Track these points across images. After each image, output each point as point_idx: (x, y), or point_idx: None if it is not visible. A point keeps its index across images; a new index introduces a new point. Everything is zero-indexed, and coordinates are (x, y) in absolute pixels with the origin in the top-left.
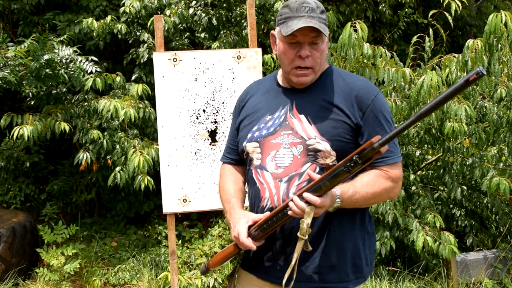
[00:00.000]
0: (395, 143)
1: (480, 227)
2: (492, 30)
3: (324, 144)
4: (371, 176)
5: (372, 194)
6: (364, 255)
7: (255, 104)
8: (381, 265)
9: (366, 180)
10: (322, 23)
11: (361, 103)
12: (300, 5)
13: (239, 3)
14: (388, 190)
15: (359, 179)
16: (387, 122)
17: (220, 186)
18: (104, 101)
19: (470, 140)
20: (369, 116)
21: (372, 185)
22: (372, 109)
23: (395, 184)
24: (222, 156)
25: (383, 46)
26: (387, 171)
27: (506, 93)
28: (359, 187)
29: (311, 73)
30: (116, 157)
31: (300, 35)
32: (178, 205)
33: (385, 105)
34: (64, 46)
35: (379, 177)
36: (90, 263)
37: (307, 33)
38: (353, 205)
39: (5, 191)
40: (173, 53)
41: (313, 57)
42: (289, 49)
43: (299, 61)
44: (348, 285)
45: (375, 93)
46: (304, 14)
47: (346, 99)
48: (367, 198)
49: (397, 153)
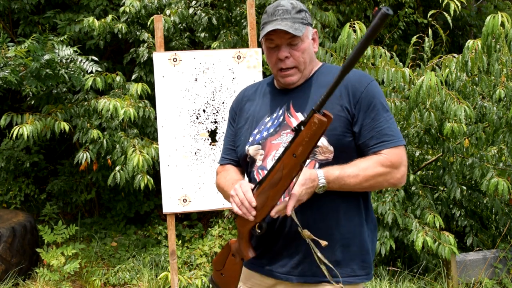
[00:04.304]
0: (395, 128)
1: (480, 227)
2: (490, 31)
3: (322, 140)
4: (367, 160)
5: (364, 177)
6: (372, 250)
7: (254, 108)
8: (381, 265)
9: (360, 163)
10: (297, 23)
11: (354, 91)
12: (274, 9)
13: (239, 3)
14: (384, 175)
15: (353, 162)
16: (383, 108)
17: (220, 180)
18: (104, 100)
19: (469, 140)
20: (362, 102)
21: (365, 168)
22: (366, 96)
23: (394, 169)
24: (221, 158)
25: (383, 46)
26: (386, 155)
27: (505, 93)
28: (349, 169)
29: (296, 72)
30: (116, 156)
31: (276, 38)
32: (178, 205)
33: (379, 92)
34: (64, 46)
35: (375, 161)
36: (90, 263)
37: (282, 35)
38: (344, 187)
39: (5, 191)
40: (173, 53)
41: (293, 57)
42: (271, 53)
43: (280, 63)
44: (355, 280)
45: (368, 81)
46: (276, 18)
47: (341, 91)
48: (359, 182)
49: (398, 137)
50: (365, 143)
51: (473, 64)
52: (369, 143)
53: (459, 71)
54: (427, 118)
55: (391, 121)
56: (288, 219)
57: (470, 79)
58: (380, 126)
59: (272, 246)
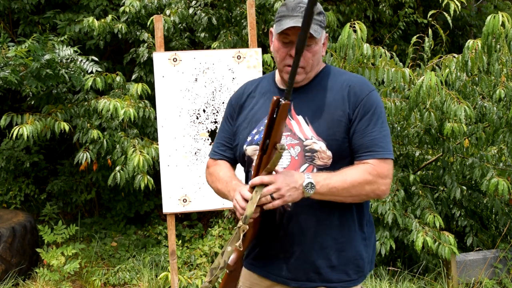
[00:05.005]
0: (387, 140)
1: (480, 227)
2: (490, 31)
3: (320, 144)
4: (354, 168)
5: (351, 183)
6: (366, 254)
7: (254, 106)
8: (381, 265)
9: (347, 170)
10: (316, 25)
11: (355, 98)
12: (296, 5)
13: (239, 3)
14: (371, 183)
15: (341, 169)
16: (379, 118)
17: (214, 175)
18: (104, 100)
19: (469, 140)
20: (361, 109)
21: (351, 174)
22: (365, 103)
23: (380, 179)
24: (212, 152)
25: (383, 46)
26: (373, 165)
27: (505, 93)
28: (336, 174)
29: (301, 72)
30: (116, 156)
31: (292, 35)
32: (178, 205)
33: (379, 102)
34: (64, 46)
35: (362, 169)
36: (90, 263)
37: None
38: (331, 192)
39: (5, 191)
40: (173, 53)
41: (304, 57)
42: (282, 48)
43: (289, 60)
44: (349, 285)
45: (370, 89)
46: (298, 14)
47: (342, 96)
48: (345, 187)
49: (387, 150)
50: (354, 149)
51: (473, 64)
52: (358, 149)
53: (459, 71)
54: (427, 118)
55: (384, 133)
56: (285, 223)
57: (470, 79)
58: (372, 136)
59: (268, 249)
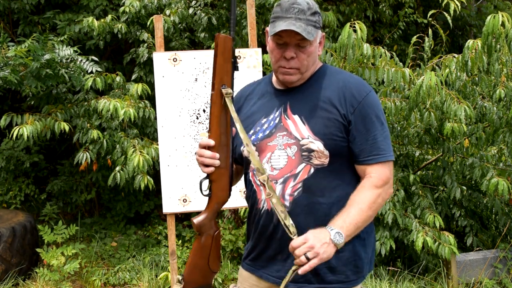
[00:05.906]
0: (387, 142)
1: (480, 227)
2: (490, 31)
3: (317, 144)
4: (361, 190)
5: (368, 207)
6: (365, 255)
7: (250, 108)
8: (381, 265)
9: (356, 197)
10: (310, 25)
11: (352, 99)
12: (290, 6)
13: (239, 3)
14: (381, 195)
15: (351, 202)
16: (378, 120)
17: None
18: (104, 100)
19: (469, 140)
20: (359, 112)
21: (363, 199)
22: (363, 106)
23: (386, 186)
24: None
25: (383, 46)
26: (377, 174)
27: (505, 93)
28: (351, 208)
29: (296, 73)
30: (116, 157)
31: (286, 37)
32: (178, 205)
33: (377, 103)
34: (64, 46)
35: (369, 187)
36: (90, 263)
37: (293, 35)
38: (358, 227)
39: (5, 191)
40: (173, 53)
41: (299, 59)
42: (276, 49)
43: (284, 62)
44: (348, 286)
45: (367, 90)
46: (291, 16)
47: (339, 96)
48: (365, 214)
49: (389, 152)
50: (355, 153)
51: (473, 64)
52: (359, 154)
53: (459, 71)
54: (427, 118)
55: (384, 134)
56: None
57: (470, 79)
58: (373, 139)
59: (266, 250)
